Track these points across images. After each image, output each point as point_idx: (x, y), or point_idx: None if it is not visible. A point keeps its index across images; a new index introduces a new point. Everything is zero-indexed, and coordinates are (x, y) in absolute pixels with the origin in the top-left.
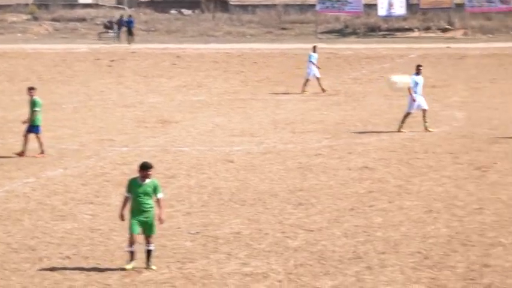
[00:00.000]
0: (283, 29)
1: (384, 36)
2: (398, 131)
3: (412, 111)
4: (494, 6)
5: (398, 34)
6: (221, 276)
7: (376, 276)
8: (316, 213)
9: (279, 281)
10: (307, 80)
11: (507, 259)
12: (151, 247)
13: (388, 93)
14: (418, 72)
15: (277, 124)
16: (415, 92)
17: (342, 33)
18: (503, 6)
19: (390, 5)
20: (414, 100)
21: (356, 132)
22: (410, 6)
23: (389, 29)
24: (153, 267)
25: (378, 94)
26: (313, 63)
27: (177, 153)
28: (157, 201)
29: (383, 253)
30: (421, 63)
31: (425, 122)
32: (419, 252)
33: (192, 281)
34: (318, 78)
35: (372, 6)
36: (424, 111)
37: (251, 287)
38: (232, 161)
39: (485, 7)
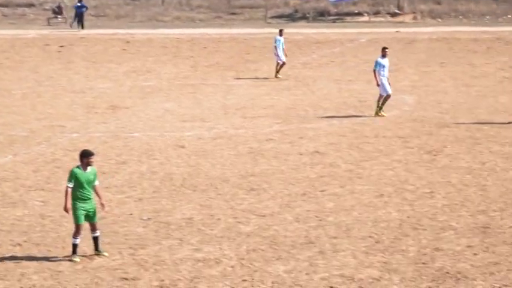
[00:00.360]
0: (233, 13)
1: (334, 21)
2: (376, 115)
3: (385, 94)
4: None
5: (348, 19)
6: (173, 262)
7: (328, 261)
8: (268, 199)
9: (232, 267)
10: (278, 64)
11: (458, 243)
12: (98, 233)
13: (338, 78)
14: (384, 55)
15: (228, 109)
16: (383, 75)
17: (291, 18)
18: None
19: None
20: (378, 85)
21: (307, 117)
22: None
23: (339, 13)
24: (105, 253)
25: (328, 79)
26: (278, 48)
27: (128, 139)
28: (95, 188)
29: (335, 238)
30: (386, 46)
31: (379, 105)
32: (370, 237)
33: (144, 267)
34: (278, 63)
35: None
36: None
37: (203, 272)
38: (183, 147)
39: None
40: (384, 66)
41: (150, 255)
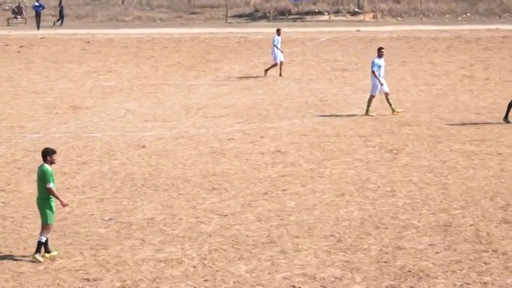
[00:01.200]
0: (193, 13)
1: (294, 20)
2: (366, 114)
3: (375, 93)
4: None
5: (308, 18)
6: (135, 262)
7: (290, 260)
8: (230, 198)
9: (194, 267)
10: (275, 65)
11: (420, 241)
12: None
13: (298, 77)
14: (380, 55)
15: (189, 109)
16: (381, 75)
17: (252, 17)
18: None
19: None
20: (381, 84)
21: (268, 117)
22: None
23: (299, 12)
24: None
25: (288, 78)
26: (276, 47)
27: (89, 139)
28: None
29: (297, 237)
30: (382, 46)
31: (391, 104)
32: (332, 236)
33: (106, 268)
34: (281, 62)
35: None
36: (386, 94)
37: (165, 273)
38: (144, 147)
39: None
40: (380, 67)
41: (111, 256)
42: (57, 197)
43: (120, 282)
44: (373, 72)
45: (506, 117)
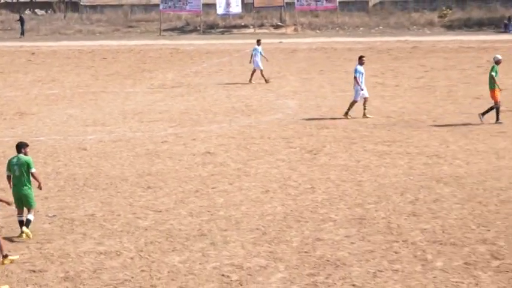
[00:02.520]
0: (130, 27)
1: (222, 32)
2: (345, 116)
3: (358, 99)
4: (320, 5)
5: (235, 31)
6: (77, 255)
7: (219, 252)
8: (164, 195)
9: (131, 258)
10: (254, 71)
11: (337, 233)
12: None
13: (226, 84)
14: (361, 63)
15: (127, 114)
16: (361, 82)
17: (183, 30)
18: (329, 5)
19: (227, 4)
20: (362, 89)
21: (198, 121)
22: (245, 5)
23: (226, 26)
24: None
25: (217, 86)
26: (261, 55)
27: (34, 143)
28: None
29: (225, 230)
30: (363, 55)
31: (365, 109)
32: (258, 229)
33: (51, 260)
34: (255, 70)
35: (211, 6)
36: (365, 99)
37: (105, 264)
38: (85, 149)
39: (312, 5)
40: (362, 74)
41: (55, 249)
42: (40, 181)
43: (63, 273)
44: (355, 78)
45: (494, 119)
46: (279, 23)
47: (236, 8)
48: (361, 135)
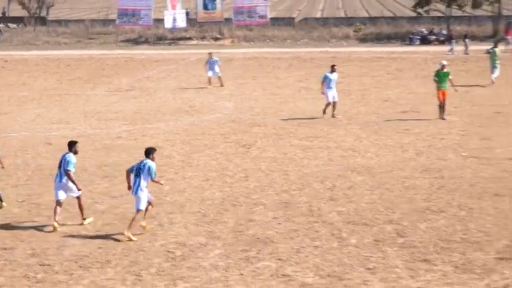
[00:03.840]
0: (91, 38)
1: (170, 44)
2: (323, 112)
3: (330, 100)
4: (254, 20)
5: (181, 42)
6: (43, 234)
7: (166, 232)
8: (119, 183)
9: (90, 237)
10: (210, 78)
11: (266, 215)
12: None
13: (173, 88)
14: (332, 70)
15: (87, 114)
16: (330, 87)
17: (136, 41)
18: (261, 20)
19: (174, 20)
20: (323, 93)
21: (148, 120)
22: (190, 20)
23: (173, 38)
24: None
25: (165, 89)
26: (219, 65)
27: (6, 138)
28: None
29: (171, 213)
30: (334, 63)
31: (334, 109)
32: (199, 212)
33: (20, 239)
34: (219, 77)
35: (160, 20)
36: (335, 102)
37: (67, 242)
38: (51, 144)
39: (247, 21)
40: (331, 80)
41: (24, 230)
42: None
43: (31, 250)
44: (321, 83)
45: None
46: (219, 36)
47: (182, 22)
48: (287, 132)
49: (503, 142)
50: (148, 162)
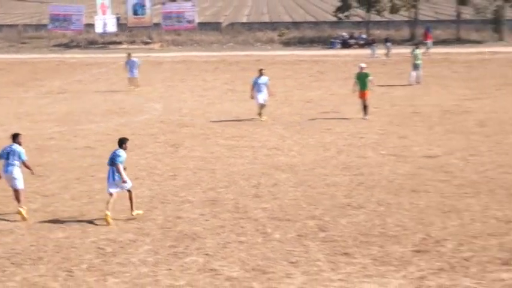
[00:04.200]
0: (23, 43)
1: (101, 48)
2: (259, 115)
3: (261, 102)
4: (182, 25)
5: (111, 46)
6: None
7: (97, 229)
8: (51, 183)
9: (22, 235)
10: (130, 79)
11: (194, 212)
12: None
13: (104, 91)
14: (260, 75)
15: (20, 115)
16: (260, 90)
17: (68, 46)
18: (189, 25)
19: (104, 25)
20: (252, 97)
21: (80, 121)
22: (120, 25)
23: (104, 42)
24: None
25: (96, 92)
26: (138, 66)
27: None
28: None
29: (101, 211)
30: (262, 68)
31: (260, 112)
32: (129, 209)
33: None
34: (136, 78)
35: (91, 25)
36: (263, 105)
37: (0, 240)
38: None
39: (176, 26)
40: (259, 84)
41: None
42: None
43: None
44: (251, 87)
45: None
46: (148, 40)
47: (112, 27)
48: (214, 132)
49: (420, 141)
50: (118, 151)
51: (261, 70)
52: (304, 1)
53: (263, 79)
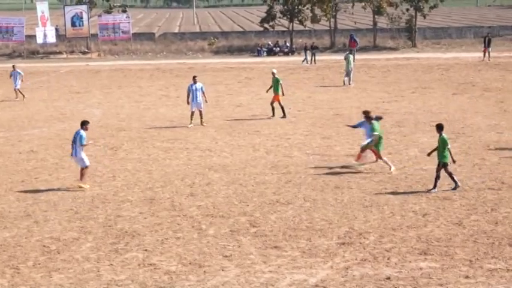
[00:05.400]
0: None
1: (42, 57)
2: (190, 120)
3: (193, 109)
4: (118, 35)
5: (52, 56)
6: None
7: (41, 228)
8: None
9: None
10: (16, 90)
11: (133, 211)
12: None
13: (45, 98)
14: (194, 82)
15: None
16: (195, 96)
17: (10, 56)
18: (124, 36)
19: (45, 35)
20: (188, 103)
21: (23, 127)
22: (59, 36)
23: (45, 52)
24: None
25: (38, 99)
26: (20, 75)
27: None
28: None
29: (46, 211)
30: (195, 75)
31: (202, 119)
32: (71, 209)
33: None
34: (18, 89)
35: (33, 36)
36: (200, 111)
37: None
38: None
39: (112, 36)
40: (193, 90)
41: None
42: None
43: None
44: (188, 93)
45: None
46: (86, 50)
47: (52, 38)
48: (151, 135)
49: (342, 140)
50: (81, 132)
51: (194, 77)
52: (232, 13)
53: (198, 85)
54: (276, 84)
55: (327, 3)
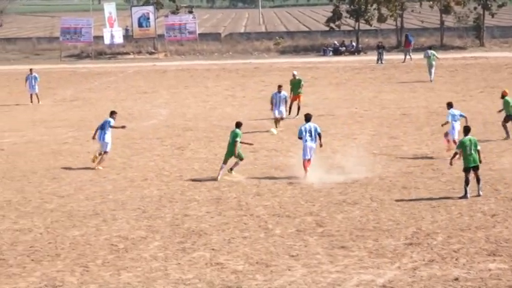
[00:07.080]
0: (37, 54)
1: (109, 58)
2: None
3: (277, 116)
4: (184, 36)
5: (119, 56)
6: None
7: (109, 227)
8: (66, 184)
9: (41, 234)
10: (31, 95)
11: (200, 210)
12: None
13: (113, 98)
14: (279, 91)
15: (35, 122)
16: (279, 105)
17: (79, 56)
18: (191, 36)
19: (112, 36)
20: (271, 110)
21: (92, 126)
22: (126, 37)
23: (112, 53)
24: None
25: (106, 99)
26: (36, 81)
27: None
28: None
29: (114, 210)
30: (281, 84)
31: (278, 124)
32: (139, 208)
33: None
34: (36, 94)
35: (100, 37)
36: (282, 118)
37: (20, 238)
38: (3, 149)
39: (178, 37)
40: (277, 98)
41: None
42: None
43: None
44: (270, 101)
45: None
46: (153, 50)
47: (119, 39)
48: (217, 135)
49: (409, 140)
50: (109, 120)
51: (280, 86)
52: (297, 12)
53: (282, 95)
54: (297, 85)
55: (393, 3)
